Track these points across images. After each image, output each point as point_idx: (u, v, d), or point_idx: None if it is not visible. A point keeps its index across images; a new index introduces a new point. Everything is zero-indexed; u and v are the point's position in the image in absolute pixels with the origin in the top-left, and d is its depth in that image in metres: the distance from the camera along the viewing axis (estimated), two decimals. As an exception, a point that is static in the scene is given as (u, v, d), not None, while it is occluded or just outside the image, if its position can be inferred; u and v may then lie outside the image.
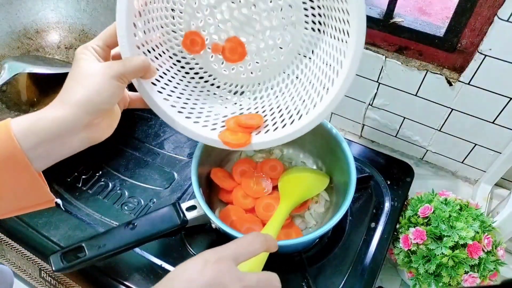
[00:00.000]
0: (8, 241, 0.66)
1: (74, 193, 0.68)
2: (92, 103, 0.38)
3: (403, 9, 0.68)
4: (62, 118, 0.37)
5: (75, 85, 0.38)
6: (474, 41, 0.60)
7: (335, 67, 0.45)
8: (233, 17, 0.47)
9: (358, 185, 0.56)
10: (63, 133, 0.37)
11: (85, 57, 0.40)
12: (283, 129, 0.49)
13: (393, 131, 0.80)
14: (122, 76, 0.40)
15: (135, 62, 0.41)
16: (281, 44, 0.50)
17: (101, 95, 0.38)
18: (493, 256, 0.57)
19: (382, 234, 0.62)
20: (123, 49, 0.42)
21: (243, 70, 0.53)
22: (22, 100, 0.80)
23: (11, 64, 0.75)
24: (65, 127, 0.37)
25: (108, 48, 0.43)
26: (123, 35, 0.42)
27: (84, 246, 0.52)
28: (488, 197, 0.74)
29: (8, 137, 0.35)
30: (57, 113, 0.37)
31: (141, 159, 0.74)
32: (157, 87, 0.47)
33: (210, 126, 0.51)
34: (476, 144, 0.71)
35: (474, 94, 0.64)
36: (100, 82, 0.38)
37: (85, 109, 0.38)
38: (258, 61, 0.52)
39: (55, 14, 0.85)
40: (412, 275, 0.59)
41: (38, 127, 0.36)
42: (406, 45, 0.66)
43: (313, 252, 0.61)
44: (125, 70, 0.40)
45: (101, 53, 0.42)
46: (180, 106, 0.49)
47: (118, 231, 0.53)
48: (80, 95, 0.37)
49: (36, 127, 0.36)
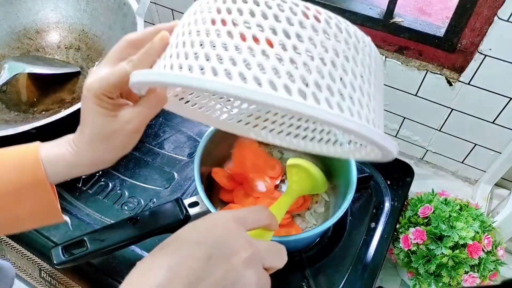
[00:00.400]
0: (8, 241, 0.66)
1: (74, 193, 0.68)
2: (120, 155, 0.39)
3: (403, 9, 0.68)
4: (93, 169, 0.40)
5: (100, 145, 0.37)
6: (474, 41, 0.60)
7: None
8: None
9: (358, 185, 0.56)
10: (89, 170, 0.40)
11: (101, 109, 0.35)
12: None
13: (393, 131, 0.80)
14: (142, 127, 0.38)
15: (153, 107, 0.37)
16: None
17: (127, 148, 0.39)
18: (493, 256, 0.57)
19: (382, 234, 0.62)
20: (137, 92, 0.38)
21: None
22: (22, 100, 0.80)
23: (11, 64, 0.75)
24: (92, 168, 0.40)
25: (119, 90, 0.36)
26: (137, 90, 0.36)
27: (86, 240, 0.51)
28: (488, 197, 0.74)
29: (36, 164, 0.37)
30: (89, 167, 0.39)
31: (141, 159, 0.74)
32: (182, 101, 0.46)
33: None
34: (476, 144, 0.71)
35: (474, 94, 0.64)
36: (124, 140, 0.37)
37: (114, 160, 0.40)
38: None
39: (55, 14, 0.85)
40: (412, 275, 0.59)
41: (69, 172, 0.39)
42: (406, 45, 0.66)
43: (313, 252, 0.61)
44: (143, 123, 0.37)
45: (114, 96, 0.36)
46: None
47: (121, 226, 0.53)
48: (108, 156, 0.38)
49: (68, 172, 0.39)
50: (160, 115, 0.82)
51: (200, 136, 0.77)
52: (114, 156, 0.39)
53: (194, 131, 0.79)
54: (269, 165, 0.67)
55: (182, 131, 0.79)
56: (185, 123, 0.80)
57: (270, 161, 0.68)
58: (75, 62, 0.85)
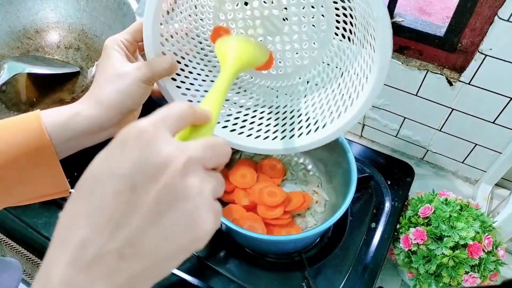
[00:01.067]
0: (8, 241, 0.66)
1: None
2: (125, 105, 0.40)
3: (404, 8, 0.68)
4: (96, 117, 0.39)
5: (108, 84, 0.40)
6: (474, 41, 0.60)
7: (361, 79, 0.45)
8: (263, 16, 0.47)
9: (358, 185, 0.56)
10: (95, 131, 0.40)
11: (117, 54, 0.41)
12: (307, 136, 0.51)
13: (393, 131, 0.80)
14: (151, 79, 0.42)
15: (163, 65, 0.43)
16: (307, 50, 0.50)
17: (132, 98, 0.41)
18: (494, 256, 0.57)
19: (383, 234, 0.62)
20: (148, 49, 0.43)
21: None
22: (21, 100, 0.80)
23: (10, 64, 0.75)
24: (98, 126, 0.40)
25: (136, 42, 0.44)
26: (149, 36, 0.42)
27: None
28: (489, 197, 0.74)
29: (39, 130, 0.37)
30: (92, 111, 0.39)
31: (141, 159, 0.74)
32: (176, 82, 0.48)
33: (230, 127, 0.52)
34: (476, 144, 0.71)
35: (474, 94, 0.64)
36: (132, 85, 0.40)
37: (119, 110, 0.40)
38: (281, 61, 0.52)
39: (55, 14, 0.85)
40: (412, 275, 0.59)
41: (72, 123, 0.39)
42: (406, 45, 0.66)
43: (313, 252, 0.61)
44: (153, 75, 0.42)
45: (130, 48, 0.43)
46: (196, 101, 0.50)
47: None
48: (113, 96, 0.40)
49: (70, 123, 0.39)
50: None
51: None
52: (119, 101, 0.40)
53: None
54: (269, 164, 0.67)
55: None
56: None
57: (269, 162, 0.67)
58: (75, 62, 0.85)
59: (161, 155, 0.24)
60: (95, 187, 0.24)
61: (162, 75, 0.44)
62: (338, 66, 0.49)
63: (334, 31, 0.47)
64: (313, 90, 0.53)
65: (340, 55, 0.49)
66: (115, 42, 0.42)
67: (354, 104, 0.45)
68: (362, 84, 0.44)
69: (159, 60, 0.43)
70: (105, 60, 0.42)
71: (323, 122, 0.50)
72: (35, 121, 0.38)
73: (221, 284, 0.57)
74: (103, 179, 0.24)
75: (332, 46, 0.49)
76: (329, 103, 0.50)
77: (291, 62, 0.51)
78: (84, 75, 0.83)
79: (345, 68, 0.48)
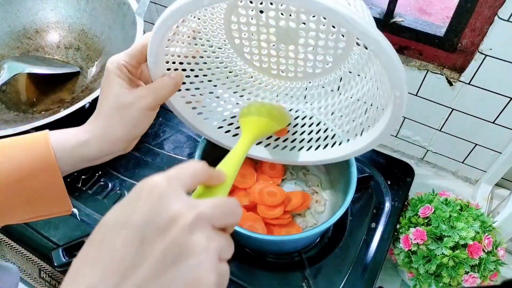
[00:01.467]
0: (8, 241, 0.66)
1: (73, 193, 0.68)
2: (131, 134, 0.41)
3: (404, 8, 0.68)
4: (104, 148, 0.40)
5: (114, 115, 0.40)
6: (474, 41, 0.60)
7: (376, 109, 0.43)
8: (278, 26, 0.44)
9: (358, 185, 0.55)
10: (101, 157, 0.41)
11: (120, 80, 0.40)
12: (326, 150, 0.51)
13: (393, 131, 0.80)
14: (156, 106, 0.41)
15: (167, 88, 0.41)
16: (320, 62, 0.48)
17: (139, 127, 0.41)
18: (494, 256, 0.57)
19: (383, 234, 0.62)
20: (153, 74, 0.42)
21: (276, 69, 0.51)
22: (21, 100, 0.80)
23: (10, 64, 0.75)
24: (105, 154, 0.41)
25: (139, 64, 0.42)
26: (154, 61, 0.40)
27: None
28: (489, 197, 0.74)
29: (47, 152, 0.38)
30: (100, 143, 0.40)
31: (141, 159, 0.74)
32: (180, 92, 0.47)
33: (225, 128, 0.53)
34: (476, 144, 0.71)
35: (474, 94, 0.64)
36: (137, 115, 0.40)
37: (125, 141, 0.41)
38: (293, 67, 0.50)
39: (55, 14, 0.85)
40: (412, 275, 0.59)
41: (79, 151, 0.39)
42: (406, 45, 0.66)
43: (313, 252, 0.61)
44: (158, 101, 0.41)
45: (133, 71, 0.42)
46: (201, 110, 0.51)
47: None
48: (121, 129, 0.40)
49: (78, 151, 0.39)
50: (160, 115, 0.82)
51: (200, 136, 0.77)
52: (126, 133, 0.40)
53: (194, 131, 0.79)
54: (269, 164, 0.67)
55: (182, 131, 0.79)
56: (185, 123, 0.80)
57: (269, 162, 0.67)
58: (75, 62, 0.85)
59: (171, 210, 0.25)
60: (107, 236, 0.25)
61: (168, 97, 0.42)
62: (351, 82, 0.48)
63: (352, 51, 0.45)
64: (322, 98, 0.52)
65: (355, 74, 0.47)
66: (117, 66, 0.40)
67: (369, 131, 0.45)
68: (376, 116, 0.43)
69: (164, 84, 0.41)
70: (108, 86, 0.40)
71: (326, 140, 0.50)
72: (44, 143, 0.38)
73: (221, 284, 0.57)
74: (115, 229, 0.25)
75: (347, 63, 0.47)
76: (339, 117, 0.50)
77: (302, 69, 0.49)
78: (84, 75, 0.83)
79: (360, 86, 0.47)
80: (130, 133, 0.40)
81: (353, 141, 0.48)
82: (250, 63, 0.51)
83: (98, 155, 0.40)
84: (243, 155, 0.42)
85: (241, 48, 0.49)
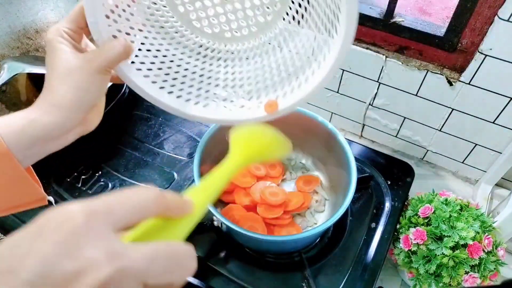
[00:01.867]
0: (8, 241, 0.66)
1: (73, 193, 0.68)
2: (84, 102, 0.37)
3: (404, 8, 0.68)
4: (56, 122, 0.36)
5: (61, 84, 0.36)
6: (474, 41, 0.60)
7: (330, 31, 0.42)
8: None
9: (358, 185, 0.56)
10: (57, 135, 0.37)
11: (63, 46, 0.37)
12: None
13: (393, 131, 0.80)
14: (106, 68, 0.38)
15: (116, 50, 0.38)
16: (269, 4, 0.46)
17: (90, 92, 0.37)
18: (494, 256, 0.57)
19: (383, 234, 0.62)
20: (95, 36, 0.39)
21: (228, 29, 0.49)
22: (21, 100, 0.80)
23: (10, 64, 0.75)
24: (59, 130, 0.37)
25: (81, 29, 0.39)
26: (93, 21, 0.38)
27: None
28: (489, 197, 0.74)
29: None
30: (50, 118, 0.36)
31: (141, 159, 0.74)
32: (135, 65, 0.43)
33: (194, 100, 0.48)
34: (476, 144, 0.71)
35: (474, 94, 0.64)
36: (86, 79, 0.37)
37: (77, 109, 0.37)
38: (244, 20, 0.48)
39: (55, 14, 0.85)
40: (412, 275, 0.59)
41: (29, 131, 0.35)
42: (406, 45, 0.66)
43: (313, 252, 0.61)
44: (108, 62, 0.38)
45: (76, 37, 0.39)
46: (162, 80, 0.46)
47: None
48: (69, 97, 0.36)
49: (27, 131, 0.35)
50: (160, 115, 0.82)
51: (200, 136, 0.77)
52: (77, 100, 0.36)
53: (194, 131, 0.79)
54: (269, 165, 0.67)
55: (181, 131, 0.79)
56: (185, 123, 0.80)
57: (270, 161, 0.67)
58: (75, 62, 0.85)
59: (79, 260, 0.18)
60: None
61: (118, 61, 0.39)
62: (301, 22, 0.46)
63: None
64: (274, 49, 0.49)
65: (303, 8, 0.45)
66: (58, 34, 0.37)
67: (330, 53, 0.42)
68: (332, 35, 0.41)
69: (111, 45, 0.38)
70: (52, 56, 0.37)
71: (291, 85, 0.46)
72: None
73: (221, 284, 0.57)
74: (6, 279, 0.18)
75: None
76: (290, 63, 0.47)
77: (254, 20, 0.47)
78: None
79: (313, 24, 0.45)
80: (82, 100, 0.37)
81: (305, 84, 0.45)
82: (201, 31, 0.48)
83: (54, 132, 0.36)
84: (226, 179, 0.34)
85: (188, 16, 0.46)
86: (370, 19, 0.67)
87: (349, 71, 0.73)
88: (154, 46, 0.47)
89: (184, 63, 0.49)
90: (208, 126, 0.67)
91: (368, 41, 0.69)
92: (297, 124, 0.65)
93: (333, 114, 0.85)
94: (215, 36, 0.49)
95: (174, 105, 0.46)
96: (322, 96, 0.82)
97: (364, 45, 0.69)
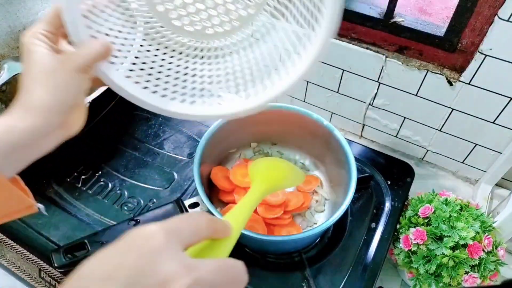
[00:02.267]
0: (8, 241, 0.66)
1: (73, 193, 0.68)
2: (63, 103, 0.35)
3: (404, 8, 0.68)
4: (35, 127, 0.34)
5: (37, 86, 0.35)
6: (474, 41, 0.60)
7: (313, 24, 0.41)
8: None
9: (358, 185, 0.56)
10: (37, 140, 0.35)
11: (39, 48, 0.36)
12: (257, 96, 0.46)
13: (393, 131, 0.80)
14: (85, 67, 0.36)
15: (94, 49, 0.37)
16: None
17: (69, 92, 0.36)
18: (494, 256, 0.57)
19: (383, 234, 0.62)
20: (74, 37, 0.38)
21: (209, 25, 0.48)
22: (21, 100, 0.80)
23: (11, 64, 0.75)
24: (38, 135, 0.35)
25: (58, 31, 0.38)
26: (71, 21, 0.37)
27: (86, 242, 0.52)
28: (489, 197, 0.74)
29: None
30: (27, 122, 0.34)
31: (141, 159, 0.74)
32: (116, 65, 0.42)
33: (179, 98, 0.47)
34: (476, 144, 0.71)
35: (474, 94, 0.64)
36: (64, 79, 0.35)
37: (56, 112, 0.35)
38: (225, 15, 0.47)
39: (55, 14, 0.85)
40: (412, 275, 0.59)
41: (7, 138, 0.34)
42: (406, 45, 0.66)
43: (313, 252, 0.61)
44: (87, 60, 0.36)
45: (53, 39, 0.38)
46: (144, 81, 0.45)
47: (121, 228, 0.53)
48: (47, 98, 0.34)
49: (5, 138, 0.34)
50: (160, 115, 0.82)
51: (200, 136, 0.77)
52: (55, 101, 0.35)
53: (193, 131, 0.79)
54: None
55: (181, 131, 0.79)
56: (185, 123, 0.80)
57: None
58: (75, 62, 0.85)
59: (164, 271, 0.22)
60: None
61: (97, 60, 0.38)
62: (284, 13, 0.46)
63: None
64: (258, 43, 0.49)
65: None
66: (33, 36, 0.36)
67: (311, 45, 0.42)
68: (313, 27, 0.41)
69: (90, 44, 0.37)
70: (28, 59, 0.35)
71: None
72: None
73: (221, 284, 0.57)
74: (96, 283, 0.21)
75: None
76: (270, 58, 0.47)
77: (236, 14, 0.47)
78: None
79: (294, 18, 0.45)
80: (60, 100, 0.35)
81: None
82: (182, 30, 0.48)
83: (33, 137, 0.34)
84: (253, 206, 0.42)
85: (167, 15, 0.46)
86: (370, 19, 0.67)
87: (349, 71, 0.73)
88: (135, 47, 0.46)
89: (166, 63, 0.48)
90: (208, 126, 0.67)
91: (368, 41, 0.69)
92: (297, 124, 0.65)
93: (333, 114, 0.85)
94: (196, 34, 0.48)
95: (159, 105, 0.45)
96: (322, 96, 0.82)
97: (364, 45, 0.69)
